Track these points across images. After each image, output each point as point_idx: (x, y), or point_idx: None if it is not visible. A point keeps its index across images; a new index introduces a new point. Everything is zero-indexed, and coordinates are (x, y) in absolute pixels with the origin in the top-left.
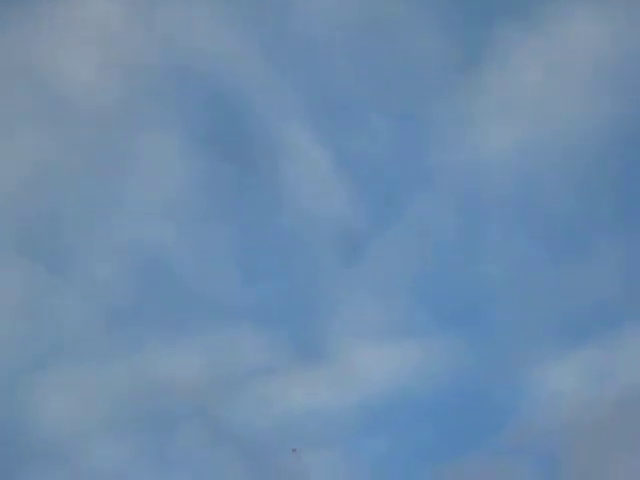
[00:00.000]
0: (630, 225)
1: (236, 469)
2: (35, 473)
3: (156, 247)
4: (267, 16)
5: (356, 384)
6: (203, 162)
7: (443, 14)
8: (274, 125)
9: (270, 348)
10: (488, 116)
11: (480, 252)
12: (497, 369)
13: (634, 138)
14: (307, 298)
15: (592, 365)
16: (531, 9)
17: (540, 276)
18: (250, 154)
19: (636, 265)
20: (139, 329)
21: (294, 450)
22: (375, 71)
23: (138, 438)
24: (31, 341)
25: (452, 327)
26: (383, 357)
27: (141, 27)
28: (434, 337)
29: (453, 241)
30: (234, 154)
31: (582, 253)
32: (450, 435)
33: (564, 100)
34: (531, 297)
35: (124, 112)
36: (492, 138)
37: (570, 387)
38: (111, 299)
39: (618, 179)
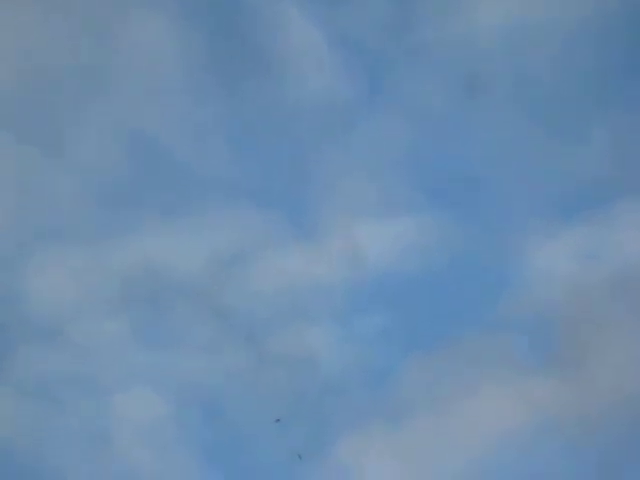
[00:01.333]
0: (623, 104)
1: (232, 347)
2: (31, 354)
3: (150, 128)
4: None
5: (352, 261)
6: (194, 39)
7: None
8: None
9: (266, 226)
10: None
11: (473, 129)
12: (491, 246)
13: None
14: (303, 176)
15: (584, 242)
16: None
17: (533, 154)
18: (241, 29)
19: (629, 144)
20: (134, 210)
21: (278, 420)
22: None
23: (133, 318)
24: (27, 222)
25: (446, 204)
26: (378, 234)
27: None
28: (428, 214)
29: (446, 118)
30: (224, 30)
31: (575, 131)
32: (445, 311)
33: None
34: (524, 175)
35: None
36: (486, 15)
37: (562, 264)
38: (105, 181)
39: (611, 59)
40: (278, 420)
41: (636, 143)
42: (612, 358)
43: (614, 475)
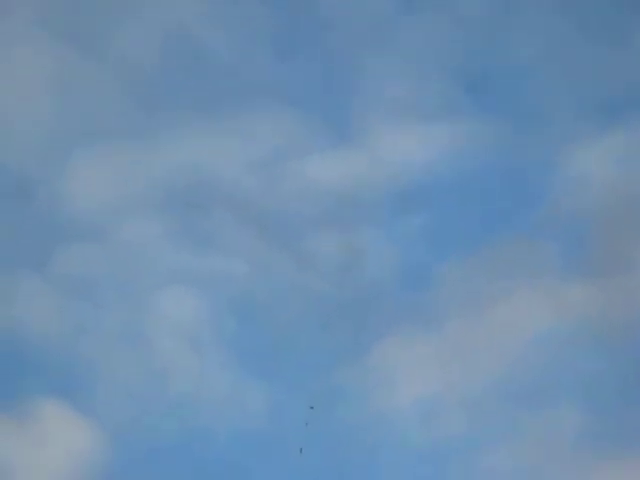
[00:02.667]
0: None
1: (271, 250)
2: (72, 253)
3: (195, 29)
4: None
5: (387, 164)
6: None
7: None
8: None
9: (307, 131)
10: None
11: (515, 31)
12: (529, 152)
13: None
14: (344, 82)
15: (623, 148)
16: None
17: (574, 59)
18: None
19: None
20: (176, 112)
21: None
22: None
23: (174, 220)
24: (69, 123)
25: (486, 110)
26: (418, 138)
27: None
28: (468, 119)
29: (487, 23)
30: None
31: (619, 35)
32: (483, 215)
33: None
34: (564, 80)
35: None
36: None
37: (601, 170)
38: (148, 82)
39: None
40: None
41: None
42: None
43: None
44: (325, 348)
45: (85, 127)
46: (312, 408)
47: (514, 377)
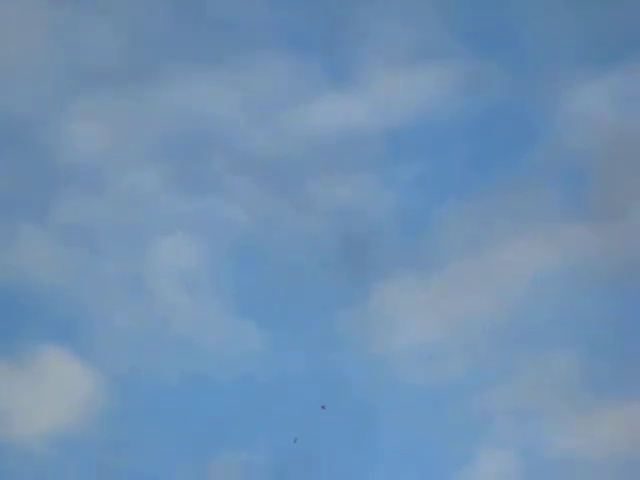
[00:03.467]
0: None
1: (269, 195)
2: (72, 200)
3: None
4: None
5: (385, 108)
6: None
7: None
8: None
9: (302, 75)
10: None
11: None
12: (526, 92)
13: None
14: (339, 25)
15: (622, 87)
16: None
17: None
18: None
19: None
20: (174, 58)
21: (323, 407)
22: None
23: (172, 167)
24: (68, 69)
25: (482, 52)
26: (414, 82)
27: None
28: (464, 61)
29: None
30: None
31: None
32: (480, 159)
33: None
34: (561, 18)
35: None
36: None
37: (599, 109)
38: (147, 29)
39: None
40: (323, 407)
41: None
42: None
43: None
44: (325, 293)
45: (85, 75)
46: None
47: (514, 320)
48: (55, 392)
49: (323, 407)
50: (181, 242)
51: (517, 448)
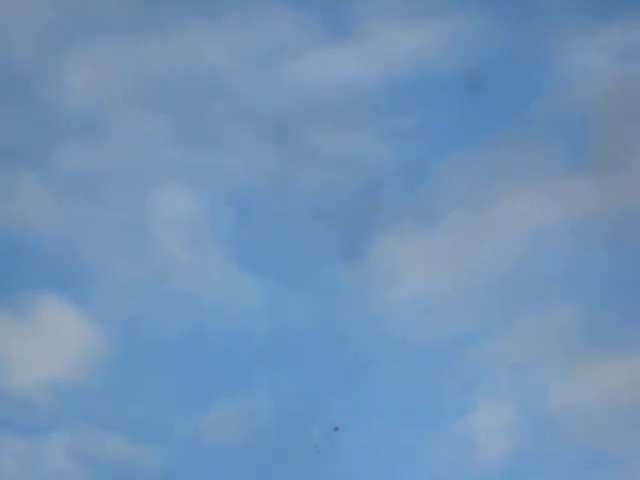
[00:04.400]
0: None
1: (267, 146)
2: (70, 149)
3: None
4: None
5: (385, 61)
6: None
7: None
8: None
9: (301, 26)
10: None
11: None
12: (527, 45)
13: None
14: None
15: (624, 40)
16: None
17: None
18: None
19: None
20: (174, 6)
21: (336, 429)
22: None
23: (171, 116)
24: (65, 15)
25: (481, 4)
26: (413, 34)
27: None
28: (463, 15)
29: None
30: None
31: None
32: (481, 111)
33: None
34: None
35: None
36: None
37: (601, 62)
38: None
39: None
40: (336, 429)
41: None
42: None
43: None
44: (324, 244)
45: (84, 25)
46: (336, 429)
47: (514, 273)
48: (54, 342)
49: (336, 429)
50: (181, 191)
51: (516, 400)
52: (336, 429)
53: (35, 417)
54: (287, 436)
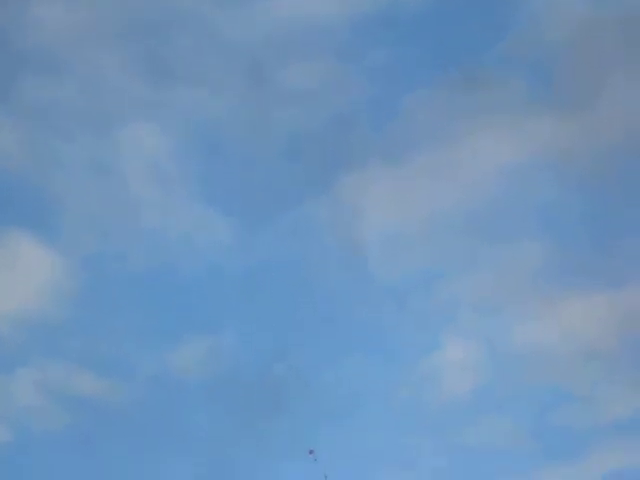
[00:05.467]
0: None
1: (236, 82)
2: (36, 84)
3: None
4: None
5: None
6: None
7: None
8: None
9: None
10: None
11: None
12: None
13: None
14: None
15: None
16: None
17: None
18: None
19: None
20: None
21: (311, 452)
22: None
23: (137, 50)
24: None
25: None
26: None
27: None
28: None
29: None
30: None
31: None
32: (449, 48)
33: None
34: None
35: None
36: None
37: (568, 3)
38: None
39: None
40: (311, 452)
41: None
42: (616, 96)
43: (614, 212)
44: (293, 181)
45: None
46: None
47: (479, 211)
48: (22, 277)
49: (311, 452)
50: (148, 128)
51: (482, 337)
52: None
53: (3, 352)
54: (255, 373)
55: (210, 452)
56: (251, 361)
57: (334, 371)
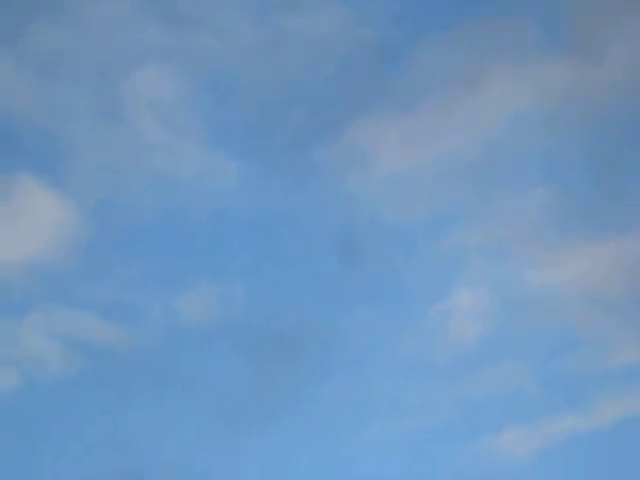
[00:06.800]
0: None
1: (245, 30)
2: (36, 26)
3: None
4: None
5: None
6: None
7: None
8: None
9: None
10: None
11: None
12: None
13: None
14: None
15: None
16: None
17: None
18: None
19: None
20: None
21: None
22: None
23: None
24: None
25: None
26: None
27: None
28: None
29: None
30: None
31: None
32: None
33: None
34: None
35: None
36: None
37: None
38: None
39: None
40: None
41: None
42: (629, 44)
43: (619, 160)
44: (299, 126)
45: None
46: None
47: (487, 158)
48: (29, 223)
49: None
50: (158, 73)
51: (490, 285)
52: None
53: (10, 299)
54: (264, 321)
55: (219, 398)
56: (261, 308)
57: (343, 319)
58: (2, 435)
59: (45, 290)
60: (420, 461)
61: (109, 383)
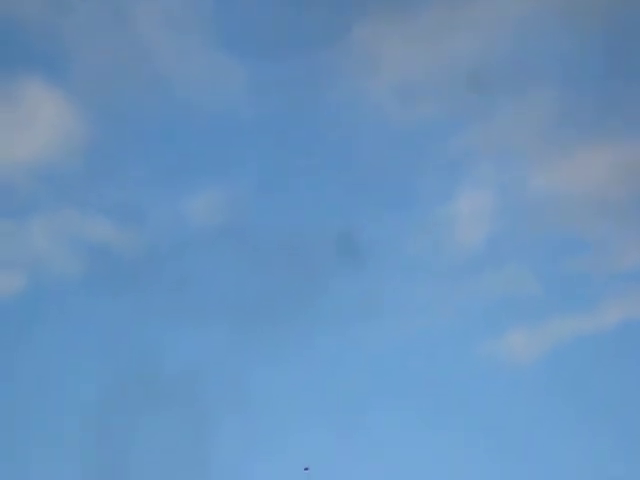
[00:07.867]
0: None
1: None
2: None
3: None
4: None
5: None
6: None
7: None
8: None
9: None
10: None
11: None
12: None
13: None
14: None
15: None
16: None
17: None
18: None
19: None
20: None
21: (306, 469)
22: None
23: None
24: None
25: None
26: None
27: None
28: None
29: None
30: None
31: None
32: None
33: None
34: None
35: None
36: None
37: None
38: None
39: None
40: (306, 469)
41: None
42: None
43: (629, 60)
44: (307, 28)
45: None
46: (307, 469)
47: (496, 60)
48: (36, 123)
49: (306, 469)
50: None
51: (496, 186)
52: (306, 469)
53: (16, 199)
54: (271, 223)
55: (229, 299)
56: (267, 210)
57: (349, 220)
58: (8, 335)
59: (49, 191)
60: (429, 359)
61: (114, 282)
